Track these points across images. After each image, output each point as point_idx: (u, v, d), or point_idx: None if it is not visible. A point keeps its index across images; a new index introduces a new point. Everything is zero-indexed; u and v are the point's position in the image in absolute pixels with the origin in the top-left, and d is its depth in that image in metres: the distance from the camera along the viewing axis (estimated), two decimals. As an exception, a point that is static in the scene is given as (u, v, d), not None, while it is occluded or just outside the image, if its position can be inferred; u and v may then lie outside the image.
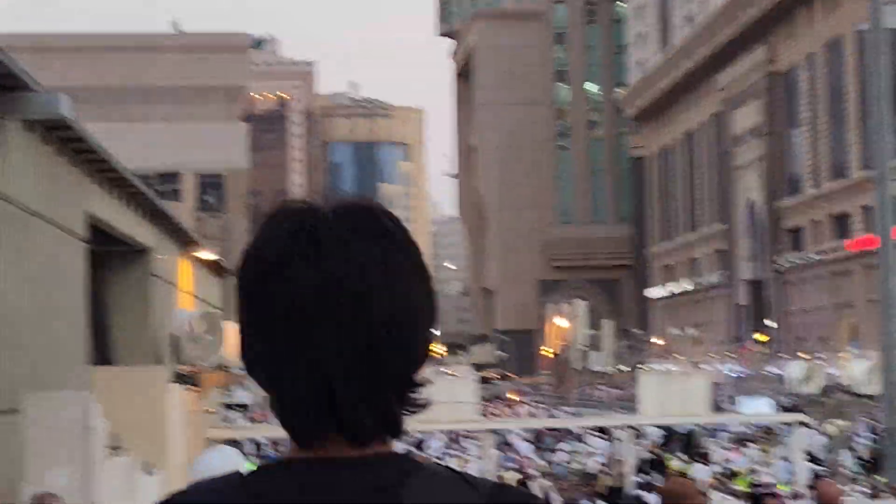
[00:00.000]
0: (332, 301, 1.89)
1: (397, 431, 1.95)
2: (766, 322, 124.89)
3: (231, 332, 31.54)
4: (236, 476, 1.97)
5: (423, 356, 1.97)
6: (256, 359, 1.97)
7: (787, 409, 55.83)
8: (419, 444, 49.88)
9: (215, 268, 39.77)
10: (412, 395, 1.96)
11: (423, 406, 1.98)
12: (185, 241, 31.86)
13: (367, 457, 1.93)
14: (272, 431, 45.68)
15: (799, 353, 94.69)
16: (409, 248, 1.97)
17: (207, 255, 34.61)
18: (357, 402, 1.90)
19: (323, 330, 1.89)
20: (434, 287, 2.01)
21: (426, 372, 1.98)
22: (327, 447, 1.93)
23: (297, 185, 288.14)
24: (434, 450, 48.40)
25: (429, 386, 1.99)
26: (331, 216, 1.94)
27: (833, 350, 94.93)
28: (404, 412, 1.96)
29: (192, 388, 27.02)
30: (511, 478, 36.53)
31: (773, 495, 18.80)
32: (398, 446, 1.97)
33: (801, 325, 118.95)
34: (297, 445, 1.96)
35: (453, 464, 42.63)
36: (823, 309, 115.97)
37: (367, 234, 1.92)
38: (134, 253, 26.36)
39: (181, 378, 25.35)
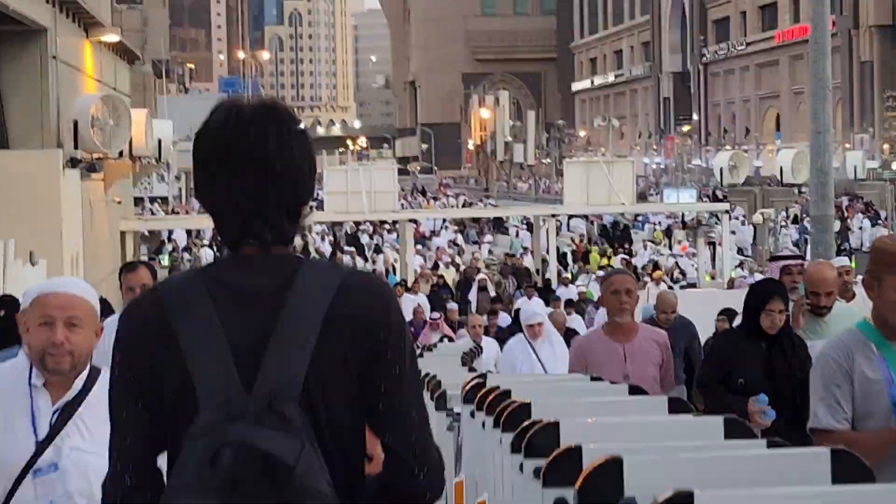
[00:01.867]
0: (246, 159, 3.05)
1: (288, 241, 3.09)
2: (691, 114, 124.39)
3: (138, 119, 30.07)
4: (198, 269, 3.13)
5: (306, 195, 3.11)
6: (203, 193, 3.12)
7: (714, 200, 55.37)
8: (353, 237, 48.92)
9: (125, 53, 38.10)
10: (298, 218, 3.10)
11: (305, 225, 3.13)
12: (89, 23, 30.15)
13: (271, 255, 3.07)
14: (187, 223, 44.64)
15: (724, 145, 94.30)
16: (297, 131, 3.11)
17: (113, 38, 32.89)
18: (261, 224, 3.04)
19: (241, 177, 3.04)
20: (313, 154, 3.15)
21: (308, 205, 3.14)
22: (246, 250, 3.07)
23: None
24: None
25: (351, 175, 4.48)
26: (250, 108, 3.09)
27: (758, 141, 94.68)
28: (293, 229, 3.10)
29: (94, 175, 25.66)
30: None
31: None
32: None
33: (726, 117, 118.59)
34: (229, 250, 3.10)
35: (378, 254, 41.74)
36: (748, 100, 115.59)
37: (272, 119, 3.08)
38: (30, 33, 24.73)
39: (76, 163, 23.93)
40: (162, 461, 3.10)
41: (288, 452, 2.88)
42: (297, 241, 3.14)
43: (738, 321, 9.87)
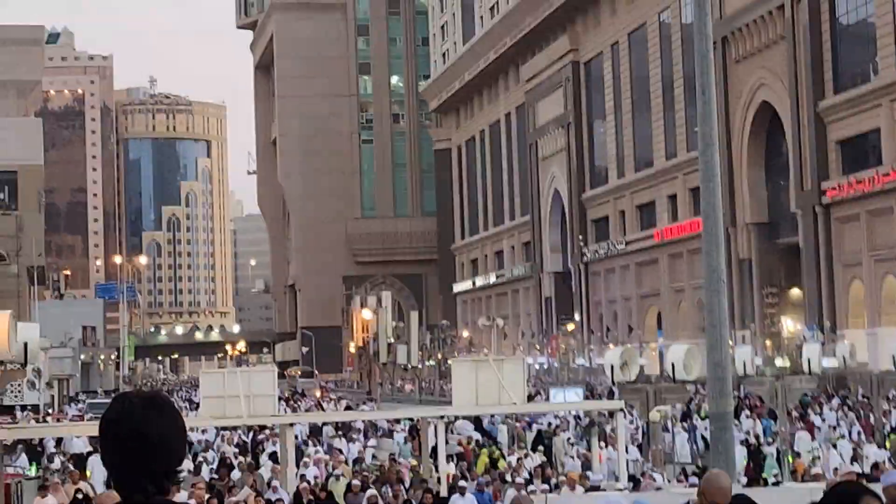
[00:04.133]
0: (130, 440, 4.28)
1: (165, 492, 4.31)
2: (573, 313, 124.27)
3: (2, 324, 28.42)
4: None
5: (178, 461, 4.36)
6: (105, 461, 4.36)
7: (609, 398, 54.26)
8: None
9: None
10: (173, 477, 4.35)
11: (179, 481, 6.36)
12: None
13: (151, 502, 4.29)
14: (57, 431, 42.76)
15: (608, 343, 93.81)
16: (172, 412, 4.35)
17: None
18: (144, 484, 4.29)
19: (128, 452, 4.29)
20: (185, 430, 4.43)
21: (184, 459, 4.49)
22: (136, 498, 4.30)
23: (94, 182, 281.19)
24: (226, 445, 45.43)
25: (228, 379, 11.98)
26: (136, 400, 4.36)
27: (640, 339, 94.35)
28: (170, 483, 4.35)
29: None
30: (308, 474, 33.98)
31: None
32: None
33: (608, 316, 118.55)
34: (122, 499, 4.31)
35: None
36: (629, 299, 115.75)
37: (151, 407, 4.33)
38: None
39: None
40: None
41: None
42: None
43: None
